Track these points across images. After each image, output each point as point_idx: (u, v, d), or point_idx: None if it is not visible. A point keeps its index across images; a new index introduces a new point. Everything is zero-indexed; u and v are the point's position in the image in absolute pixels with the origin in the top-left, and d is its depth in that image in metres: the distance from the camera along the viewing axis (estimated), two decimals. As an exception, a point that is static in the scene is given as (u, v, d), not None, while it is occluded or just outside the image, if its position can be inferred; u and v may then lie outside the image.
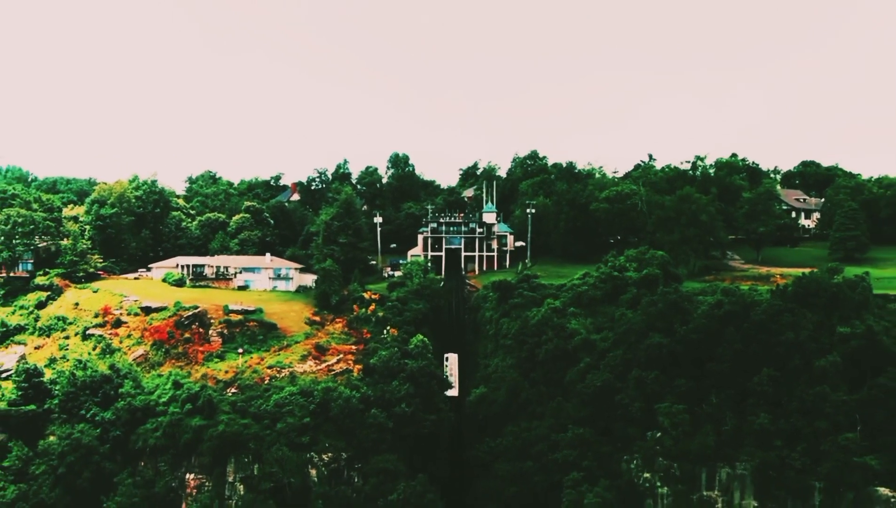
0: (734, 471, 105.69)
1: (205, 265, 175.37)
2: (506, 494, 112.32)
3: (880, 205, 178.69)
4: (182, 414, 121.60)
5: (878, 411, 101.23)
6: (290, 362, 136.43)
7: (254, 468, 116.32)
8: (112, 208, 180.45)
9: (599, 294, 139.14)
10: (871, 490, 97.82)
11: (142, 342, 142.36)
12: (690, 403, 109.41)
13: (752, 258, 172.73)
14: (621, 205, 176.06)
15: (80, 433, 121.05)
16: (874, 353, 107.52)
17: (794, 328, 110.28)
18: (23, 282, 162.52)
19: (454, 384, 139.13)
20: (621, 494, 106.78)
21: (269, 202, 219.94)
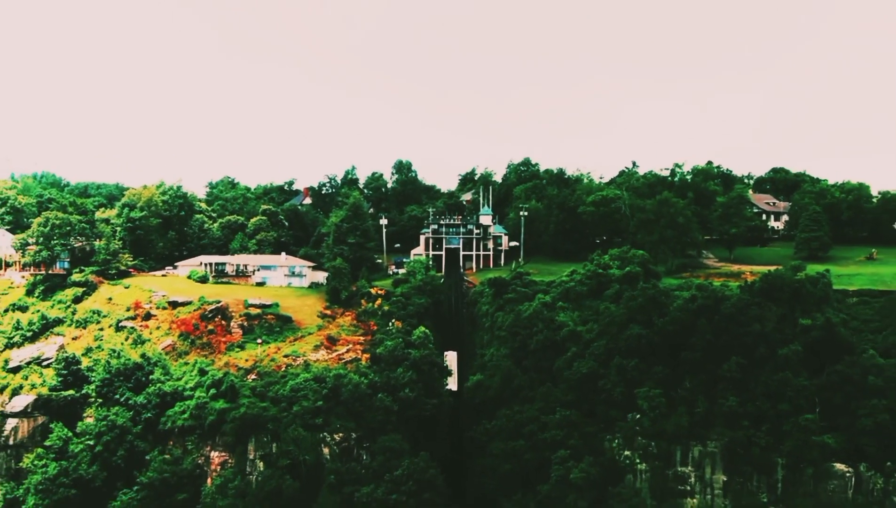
0: (705, 449, 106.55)
1: (226, 263, 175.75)
2: (500, 471, 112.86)
3: (842, 208, 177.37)
4: (207, 398, 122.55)
5: (835, 395, 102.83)
6: (304, 351, 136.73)
7: (272, 446, 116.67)
8: (141, 212, 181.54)
9: (585, 290, 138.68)
10: (829, 466, 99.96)
11: (169, 333, 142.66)
12: (666, 388, 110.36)
13: (725, 257, 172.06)
14: (606, 208, 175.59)
15: (114, 415, 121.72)
16: (832, 343, 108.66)
17: (760, 320, 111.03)
18: (60, 279, 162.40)
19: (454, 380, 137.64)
20: (604, 470, 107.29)
21: (283, 206, 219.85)
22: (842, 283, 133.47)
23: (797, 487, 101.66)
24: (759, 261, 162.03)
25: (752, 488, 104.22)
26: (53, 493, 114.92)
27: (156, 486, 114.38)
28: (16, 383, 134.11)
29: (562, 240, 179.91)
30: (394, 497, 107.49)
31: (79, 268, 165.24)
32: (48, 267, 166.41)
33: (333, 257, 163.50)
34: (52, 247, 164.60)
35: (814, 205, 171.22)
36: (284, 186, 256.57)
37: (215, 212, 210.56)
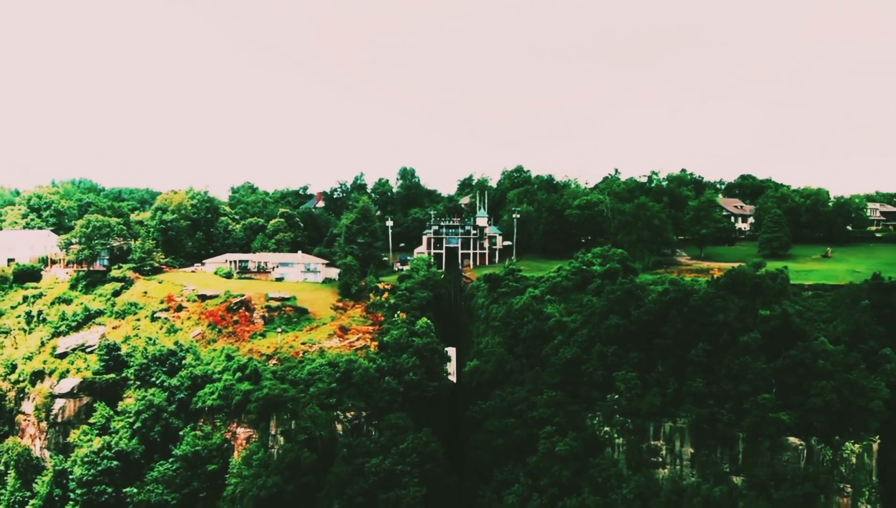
0: (675, 425, 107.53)
1: (248, 261, 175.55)
2: (493, 445, 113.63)
3: (801, 211, 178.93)
4: (233, 381, 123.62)
5: (789, 376, 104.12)
6: (319, 339, 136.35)
7: (292, 423, 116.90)
8: (172, 214, 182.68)
9: (570, 284, 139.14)
10: (783, 439, 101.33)
11: (199, 323, 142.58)
12: (641, 371, 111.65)
13: (696, 255, 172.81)
14: (590, 211, 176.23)
15: (151, 395, 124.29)
16: (787, 331, 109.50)
17: (724, 310, 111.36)
18: (101, 275, 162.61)
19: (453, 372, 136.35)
20: (586, 444, 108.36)
21: (298, 209, 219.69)
22: (799, 278, 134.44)
23: (756, 458, 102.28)
24: (727, 259, 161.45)
25: (716, 459, 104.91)
26: (97, 464, 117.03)
27: (189, 458, 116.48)
28: (63, 367, 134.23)
29: (550, 240, 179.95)
30: (399, 467, 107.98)
31: (117, 265, 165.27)
32: (90, 264, 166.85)
33: (345, 256, 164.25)
34: (93, 246, 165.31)
35: (776, 208, 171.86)
36: (299, 190, 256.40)
37: (238, 214, 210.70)
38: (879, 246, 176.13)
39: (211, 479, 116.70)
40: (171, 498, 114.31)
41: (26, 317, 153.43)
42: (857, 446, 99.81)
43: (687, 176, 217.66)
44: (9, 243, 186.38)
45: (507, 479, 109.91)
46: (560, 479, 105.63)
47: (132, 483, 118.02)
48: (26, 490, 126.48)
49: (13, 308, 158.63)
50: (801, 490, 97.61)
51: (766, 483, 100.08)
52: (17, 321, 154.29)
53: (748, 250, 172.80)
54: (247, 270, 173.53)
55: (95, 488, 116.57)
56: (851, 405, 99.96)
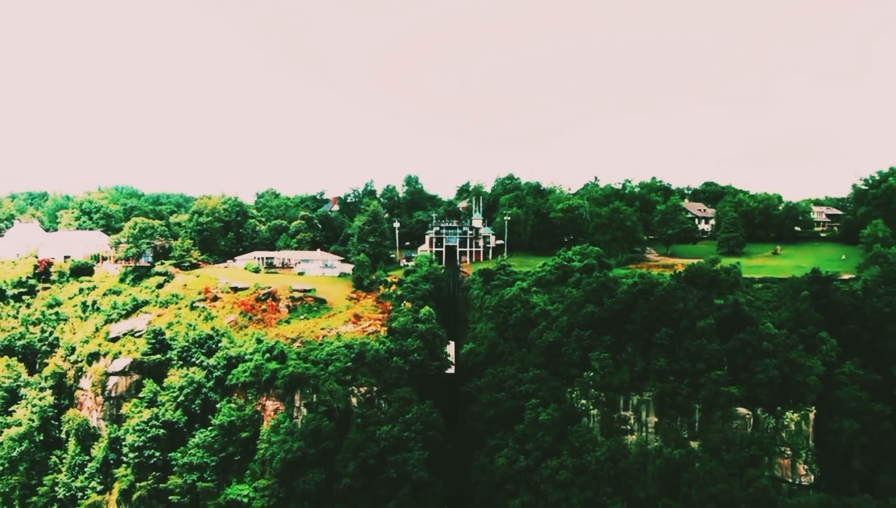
0: (642, 398, 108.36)
1: (273, 258, 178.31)
2: (486, 415, 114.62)
3: (755, 214, 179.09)
4: (263, 360, 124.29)
5: (739, 356, 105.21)
6: (336, 325, 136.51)
7: (313, 397, 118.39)
8: (207, 217, 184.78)
9: (553, 278, 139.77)
10: (733, 409, 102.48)
11: (232, 311, 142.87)
12: (613, 352, 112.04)
13: (664, 252, 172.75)
14: (571, 214, 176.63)
15: (192, 373, 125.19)
16: (738, 317, 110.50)
17: (684, 300, 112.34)
18: (146, 270, 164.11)
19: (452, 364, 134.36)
20: (565, 414, 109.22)
21: (316, 212, 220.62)
22: (751, 272, 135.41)
23: (709, 426, 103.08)
24: (689, 256, 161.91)
25: (676, 427, 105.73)
26: (147, 432, 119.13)
27: (225, 427, 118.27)
28: (115, 349, 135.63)
29: (537, 239, 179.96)
30: (405, 434, 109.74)
31: (160, 261, 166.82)
32: (136, 261, 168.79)
33: (357, 253, 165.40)
34: (139, 245, 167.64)
35: (732, 212, 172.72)
36: (317, 195, 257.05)
37: (264, 217, 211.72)
38: (823, 245, 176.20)
39: (244, 445, 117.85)
40: (210, 461, 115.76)
41: (82, 306, 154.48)
42: (796, 415, 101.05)
43: (656, 183, 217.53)
44: (65, 243, 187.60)
45: (498, 444, 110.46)
46: (543, 444, 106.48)
47: (176, 449, 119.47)
48: (85, 455, 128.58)
49: (70, 299, 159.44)
50: (748, 452, 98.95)
51: (718, 447, 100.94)
52: (74, 309, 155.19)
53: (709, 248, 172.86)
54: (272, 265, 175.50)
55: (145, 452, 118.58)
56: (791, 381, 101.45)
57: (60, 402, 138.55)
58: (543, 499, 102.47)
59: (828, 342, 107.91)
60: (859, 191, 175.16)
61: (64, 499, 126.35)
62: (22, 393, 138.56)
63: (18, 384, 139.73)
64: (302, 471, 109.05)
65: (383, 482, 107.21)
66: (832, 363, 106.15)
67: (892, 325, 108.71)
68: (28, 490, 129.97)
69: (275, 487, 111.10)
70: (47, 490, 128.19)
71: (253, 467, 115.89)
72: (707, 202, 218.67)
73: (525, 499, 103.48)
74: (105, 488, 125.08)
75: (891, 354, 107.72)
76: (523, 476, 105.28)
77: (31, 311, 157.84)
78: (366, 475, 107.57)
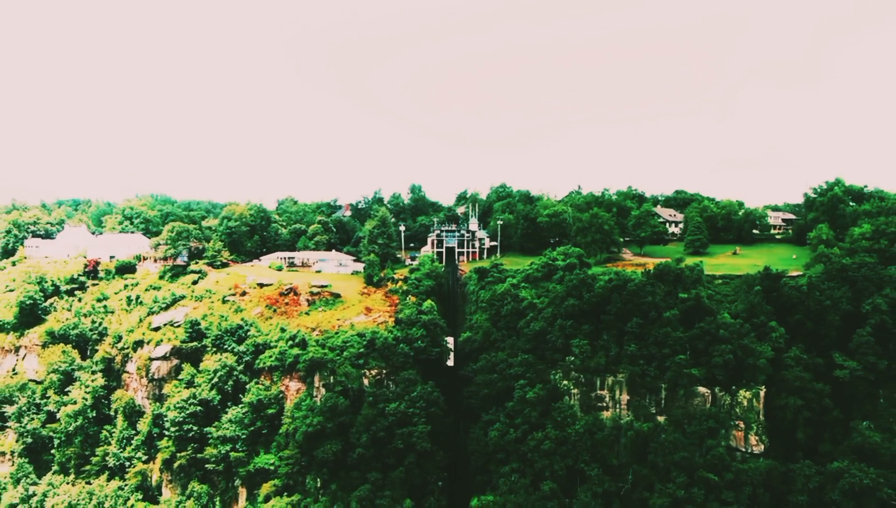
0: (616, 379, 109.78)
1: (294, 257, 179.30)
2: (480, 394, 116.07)
3: (717, 219, 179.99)
4: (286, 347, 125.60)
5: (699, 342, 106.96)
6: (350, 316, 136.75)
7: (330, 378, 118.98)
8: (235, 222, 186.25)
9: (540, 275, 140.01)
10: (694, 388, 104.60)
11: (259, 304, 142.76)
12: (591, 339, 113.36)
13: (637, 253, 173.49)
14: (556, 219, 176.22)
15: (225, 358, 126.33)
16: (699, 309, 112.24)
17: (653, 294, 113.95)
18: (182, 268, 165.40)
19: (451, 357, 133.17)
20: (549, 393, 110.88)
21: (331, 217, 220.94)
22: (712, 270, 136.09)
23: (674, 402, 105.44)
24: (660, 255, 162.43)
25: (645, 403, 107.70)
26: (186, 409, 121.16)
27: (254, 404, 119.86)
28: (157, 338, 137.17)
29: (526, 241, 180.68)
30: (410, 410, 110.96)
31: (194, 261, 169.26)
32: (173, 260, 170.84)
33: (368, 253, 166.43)
34: (176, 246, 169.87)
35: (697, 217, 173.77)
36: (331, 202, 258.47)
37: (285, 222, 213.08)
38: (778, 246, 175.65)
39: (270, 420, 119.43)
40: (241, 434, 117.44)
41: (127, 300, 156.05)
42: (749, 393, 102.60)
43: (631, 192, 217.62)
44: (110, 244, 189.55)
45: (491, 419, 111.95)
46: (530, 419, 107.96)
47: (211, 423, 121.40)
48: (132, 430, 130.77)
49: (116, 294, 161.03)
50: (707, 425, 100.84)
51: (681, 421, 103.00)
52: (119, 303, 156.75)
53: (677, 249, 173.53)
54: (293, 264, 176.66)
55: (184, 426, 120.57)
56: (744, 363, 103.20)
57: (109, 383, 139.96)
58: (530, 466, 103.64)
59: (777, 330, 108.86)
60: (809, 199, 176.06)
61: (114, 467, 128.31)
62: (76, 376, 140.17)
63: (73, 368, 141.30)
64: (321, 443, 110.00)
65: (391, 451, 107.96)
66: (780, 348, 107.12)
67: (832, 315, 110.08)
68: (82, 459, 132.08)
69: (297, 456, 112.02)
70: (99, 459, 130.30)
71: (278, 439, 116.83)
72: (677, 208, 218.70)
73: (514, 466, 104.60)
74: (149, 458, 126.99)
75: (830, 341, 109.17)
76: (513, 446, 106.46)
77: (83, 304, 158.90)
78: (376, 445, 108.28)
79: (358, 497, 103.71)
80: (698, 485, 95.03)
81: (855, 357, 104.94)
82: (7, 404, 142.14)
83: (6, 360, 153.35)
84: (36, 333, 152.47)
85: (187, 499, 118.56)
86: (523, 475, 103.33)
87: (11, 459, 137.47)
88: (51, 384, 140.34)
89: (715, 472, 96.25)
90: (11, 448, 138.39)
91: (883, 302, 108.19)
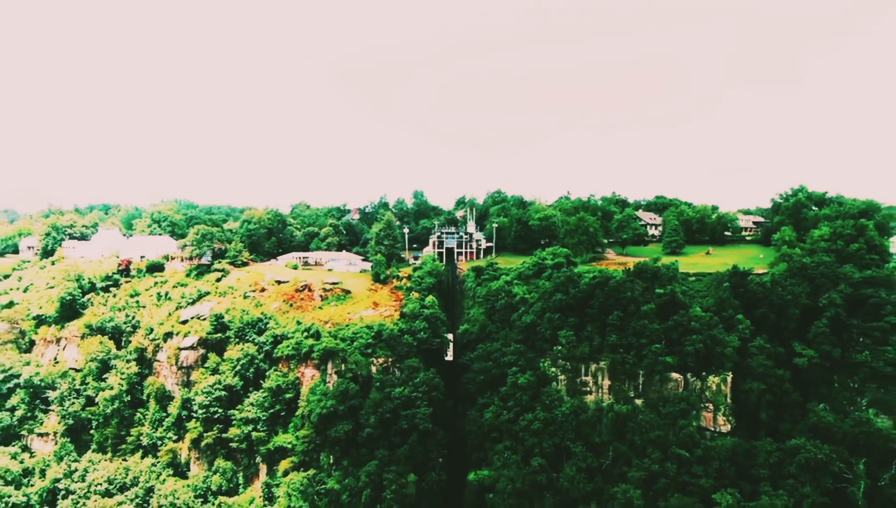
0: (598, 366, 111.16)
1: (308, 257, 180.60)
2: (477, 380, 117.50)
3: (692, 222, 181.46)
4: (302, 338, 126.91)
5: (673, 333, 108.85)
6: (359, 310, 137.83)
7: (342, 366, 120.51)
8: (254, 225, 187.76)
9: (531, 273, 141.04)
10: (668, 375, 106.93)
11: (276, 299, 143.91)
12: (576, 330, 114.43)
13: (620, 253, 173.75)
14: (546, 222, 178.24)
15: (246, 348, 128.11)
16: (674, 303, 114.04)
17: (632, 290, 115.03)
18: (206, 267, 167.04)
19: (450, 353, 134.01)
20: (539, 379, 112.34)
21: (341, 220, 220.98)
22: (687, 268, 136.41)
23: (650, 387, 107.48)
24: (640, 255, 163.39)
25: (625, 388, 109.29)
26: (212, 394, 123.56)
27: (273, 389, 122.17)
28: (185, 330, 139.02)
29: (519, 242, 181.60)
30: (414, 394, 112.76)
31: (217, 260, 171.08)
32: (199, 260, 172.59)
33: (375, 254, 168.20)
34: (201, 247, 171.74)
35: (674, 220, 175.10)
36: (340, 207, 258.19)
37: (299, 225, 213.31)
38: (748, 246, 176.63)
39: (288, 403, 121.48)
40: (262, 416, 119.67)
41: (157, 296, 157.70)
42: (717, 378, 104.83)
43: (615, 197, 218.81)
44: (141, 245, 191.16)
45: (486, 402, 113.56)
46: (521, 402, 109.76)
47: (235, 406, 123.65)
48: (163, 412, 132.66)
49: (147, 290, 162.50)
50: (679, 407, 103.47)
51: (656, 403, 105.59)
52: (150, 298, 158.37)
53: (656, 249, 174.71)
54: (307, 263, 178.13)
55: (211, 409, 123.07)
56: (713, 352, 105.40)
57: (142, 371, 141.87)
58: (521, 444, 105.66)
59: (743, 322, 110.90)
60: (776, 203, 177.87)
61: (147, 446, 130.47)
62: (112, 364, 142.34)
63: (109, 357, 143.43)
64: (334, 423, 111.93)
65: (397, 431, 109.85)
66: (746, 338, 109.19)
67: (793, 309, 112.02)
68: (119, 439, 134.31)
69: (312, 436, 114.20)
70: (134, 439, 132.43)
71: (295, 420, 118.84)
72: (657, 212, 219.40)
73: (507, 444, 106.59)
74: (179, 437, 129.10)
75: (791, 331, 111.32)
76: (506, 426, 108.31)
77: (117, 300, 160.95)
78: (383, 426, 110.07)
79: (367, 471, 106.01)
80: (671, 460, 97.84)
81: (812, 347, 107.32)
82: (50, 389, 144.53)
83: (48, 350, 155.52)
84: (75, 325, 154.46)
85: (213, 474, 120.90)
86: (515, 451, 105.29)
87: (54, 439, 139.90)
88: (89, 372, 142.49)
89: (686, 449, 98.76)
90: (54, 430, 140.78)
91: (838, 297, 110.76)
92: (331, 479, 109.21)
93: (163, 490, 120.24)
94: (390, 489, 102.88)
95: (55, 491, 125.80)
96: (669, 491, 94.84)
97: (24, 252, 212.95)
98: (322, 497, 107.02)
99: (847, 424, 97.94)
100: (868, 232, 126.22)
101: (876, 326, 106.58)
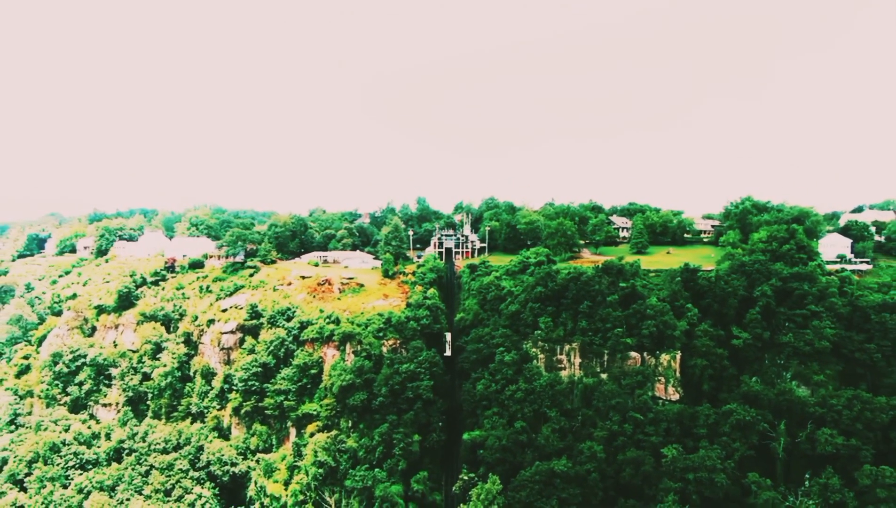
0: (571, 346, 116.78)
1: (327, 256, 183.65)
2: (471, 358, 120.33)
3: (657, 226, 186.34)
4: (324, 324, 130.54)
5: (633, 319, 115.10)
6: (371, 301, 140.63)
7: (358, 346, 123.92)
8: (280, 228, 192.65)
9: (517, 269, 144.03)
10: (627, 353, 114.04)
11: (301, 291, 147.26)
12: (553, 317, 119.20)
13: (594, 253, 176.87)
14: (532, 226, 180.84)
15: (277, 332, 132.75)
16: (634, 295, 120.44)
17: (600, 283, 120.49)
18: (240, 264, 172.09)
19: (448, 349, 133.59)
20: (521, 357, 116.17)
21: (354, 224, 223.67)
22: (649, 265, 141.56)
23: (613, 363, 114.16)
24: (611, 255, 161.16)
25: (593, 365, 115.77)
26: (249, 370, 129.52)
27: (300, 366, 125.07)
28: (226, 317, 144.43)
29: (508, 243, 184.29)
30: (418, 370, 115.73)
31: (249, 258, 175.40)
32: (233, 258, 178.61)
33: (384, 253, 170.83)
34: (235, 247, 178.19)
35: (640, 224, 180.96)
36: (353, 211, 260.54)
37: (318, 228, 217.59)
38: (704, 247, 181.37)
39: (313, 377, 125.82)
40: (292, 388, 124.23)
41: (199, 289, 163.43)
42: (668, 356, 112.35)
43: (591, 204, 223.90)
44: (182, 246, 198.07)
45: (478, 377, 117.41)
46: (507, 376, 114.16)
47: (269, 380, 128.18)
48: (208, 386, 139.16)
49: (190, 284, 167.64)
50: (637, 379, 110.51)
51: (619, 377, 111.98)
52: (193, 291, 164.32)
53: (625, 249, 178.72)
54: (326, 261, 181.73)
55: (249, 383, 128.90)
56: (664, 334, 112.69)
57: (190, 352, 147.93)
58: (507, 410, 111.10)
59: (691, 310, 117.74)
60: (727, 210, 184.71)
61: (195, 414, 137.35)
62: (164, 346, 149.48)
63: (161, 340, 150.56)
64: (351, 393, 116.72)
65: (404, 400, 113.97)
66: (693, 323, 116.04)
67: (732, 299, 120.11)
68: (171, 408, 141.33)
69: (334, 404, 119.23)
70: (184, 408, 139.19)
71: (319, 391, 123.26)
72: (629, 216, 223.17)
73: (495, 410, 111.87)
74: (222, 407, 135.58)
75: (730, 318, 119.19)
76: (494, 396, 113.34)
77: (165, 292, 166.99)
78: (393, 395, 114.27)
79: (379, 432, 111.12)
80: (629, 422, 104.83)
81: (747, 330, 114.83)
82: (112, 367, 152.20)
83: (108, 334, 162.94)
84: (131, 313, 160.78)
85: (251, 436, 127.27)
86: (502, 416, 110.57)
87: (117, 408, 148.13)
88: (145, 353, 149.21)
89: (641, 413, 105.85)
90: (116, 401, 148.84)
91: (769, 289, 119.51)
92: (350, 439, 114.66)
93: (210, 448, 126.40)
94: (399, 447, 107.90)
95: (120, 450, 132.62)
96: (627, 447, 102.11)
97: (80, 252, 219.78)
98: (342, 454, 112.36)
99: (772, 392, 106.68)
100: (798, 235, 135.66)
101: (799, 313, 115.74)
